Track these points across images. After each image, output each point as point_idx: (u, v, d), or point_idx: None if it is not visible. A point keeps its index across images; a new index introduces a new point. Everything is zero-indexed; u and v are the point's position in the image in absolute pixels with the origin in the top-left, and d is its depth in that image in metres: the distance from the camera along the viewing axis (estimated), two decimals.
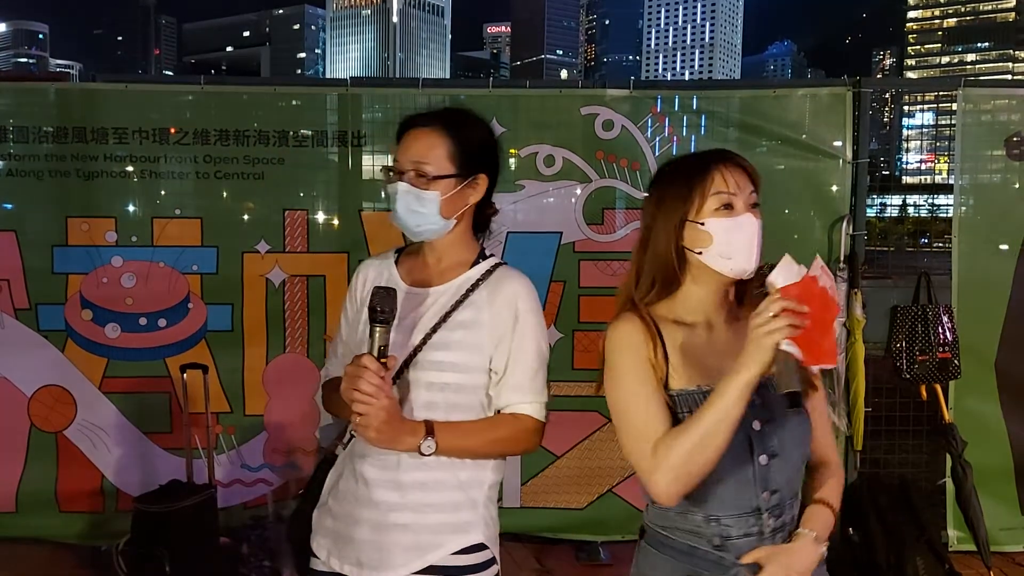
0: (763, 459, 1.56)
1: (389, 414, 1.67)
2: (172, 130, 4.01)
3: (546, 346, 1.89)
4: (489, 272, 1.86)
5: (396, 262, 1.93)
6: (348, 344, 1.92)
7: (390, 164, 1.86)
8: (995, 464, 4.06)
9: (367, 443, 1.74)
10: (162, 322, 4.03)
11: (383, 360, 1.67)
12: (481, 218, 1.92)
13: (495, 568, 1.85)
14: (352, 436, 1.85)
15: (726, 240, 1.56)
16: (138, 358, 4.04)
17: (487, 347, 1.80)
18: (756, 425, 1.56)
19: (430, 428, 1.73)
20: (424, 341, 1.78)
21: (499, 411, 1.84)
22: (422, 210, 1.79)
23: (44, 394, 4.05)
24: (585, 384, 4.05)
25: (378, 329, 1.66)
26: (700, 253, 1.60)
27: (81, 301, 4.01)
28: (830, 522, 1.63)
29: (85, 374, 4.04)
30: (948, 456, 3.85)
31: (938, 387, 3.87)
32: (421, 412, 1.76)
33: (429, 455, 1.73)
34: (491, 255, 1.92)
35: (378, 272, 1.92)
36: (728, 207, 1.58)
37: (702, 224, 1.58)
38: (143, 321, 4.03)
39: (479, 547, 1.81)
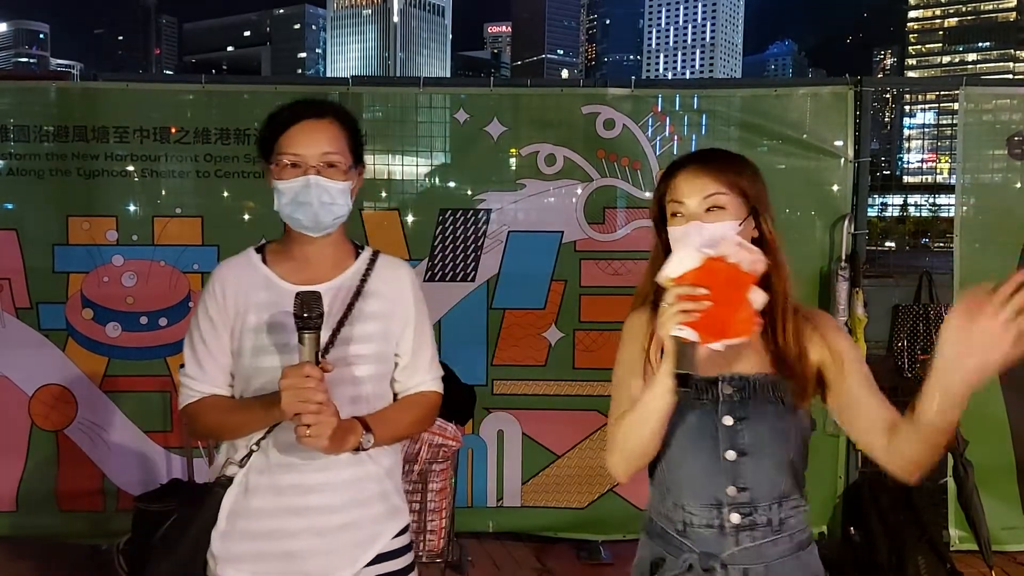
0: (731, 455, 1.58)
1: (337, 419, 1.64)
2: (173, 129, 4.01)
3: (431, 325, 1.97)
4: (373, 261, 1.88)
5: (264, 263, 1.83)
6: (217, 358, 1.79)
7: (290, 156, 1.73)
8: (997, 463, 4.05)
9: (321, 452, 1.65)
10: (163, 321, 4.03)
11: (320, 367, 1.61)
12: None
13: (413, 543, 1.95)
14: (252, 451, 1.76)
15: (675, 248, 1.57)
16: (139, 357, 4.04)
17: (395, 334, 1.85)
18: (727, 420, 1.59)
19: (364, 423, 1.74)
20: (333, 338, 1.75)
21: (402, 392, 1.90)
22: (338, 202, 1.77)
23: (45, 393, 4.05)
24: (586, 384, 4.05)
25: (308, 335, 1.59)
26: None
27: (82, 300, 4.01)
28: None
29: (86, 373, 4.05)
30: (950, 455, 3.84)
31: None
32: (349, 408, 1.73)
33: (368, 448, 1.74)
34: (363, 245, 1.93)
35: (248, 276, 1.81)
36: (676, 215, 1.60)
37: (667, 231, 1.63)
38: (144, 320, 4.03)
39: (405, 528, 1.89)
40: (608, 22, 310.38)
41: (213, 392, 1.80)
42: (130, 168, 4.02)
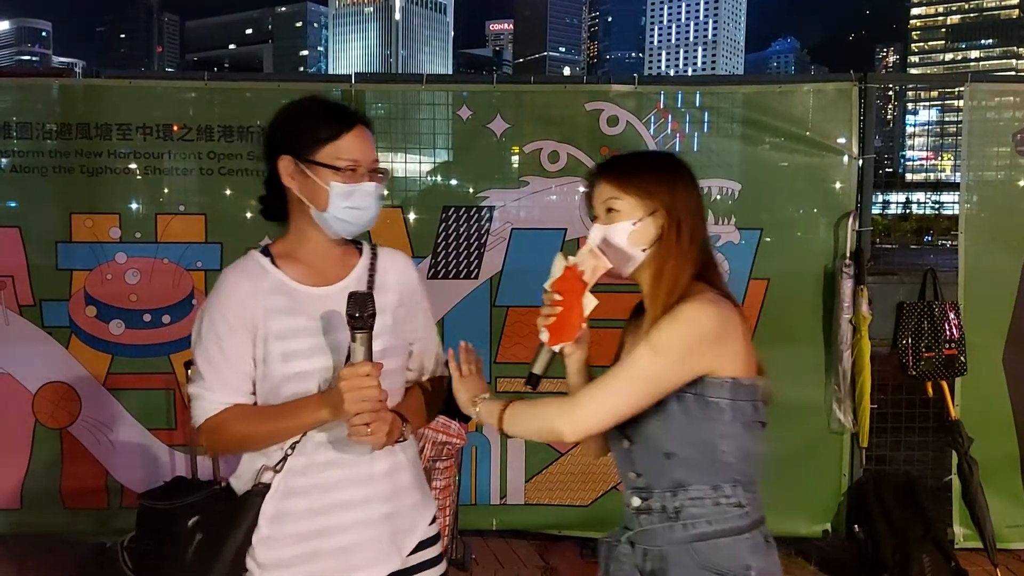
0: (624, 443, 1.71)
1: (392, 415, 1.71)
2: (176, 127, 4.00)
3: None
4: (374, 255, 1.90)
5: (275, 265, 1.80)
6: (236, 366, 1.74)
7: (349, 162, 1.74)
8: (1002, 461, 4.04)
9: (377, 448, 1.71)
10: (166, 318, 4.03)
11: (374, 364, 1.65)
12: None
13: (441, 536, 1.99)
14: (287, 455, 1.73)
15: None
16: (142, 354, 4.04)
17: (408, 325, 1.89)
18: None
19: (402, 414, 1.78)
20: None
21: (419, 377, 1.96)
22: (380, 204, 1.83)
23: (48, 390, 4.05)
24: None
25: (361, 335, 1.62)
26: None
27: (85, 297, 4.00)
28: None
29: (89, 370, 4.04)
30: (954, 453, 3.83)
31: (944, 384, 3.86)
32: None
33: (407, 439, 1.81)
34: (360, 240, 1.92)
35: (259, 280, 1.77)
36: (595, 218, 1.73)
37: None
38: (147, 317, 4.02)
39: (435, 517, 1.93)
40: (610, 19, 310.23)
41: (236, 402, 1.75)
42: (133, 165, 4.01)
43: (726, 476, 1.63)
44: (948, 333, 3.80)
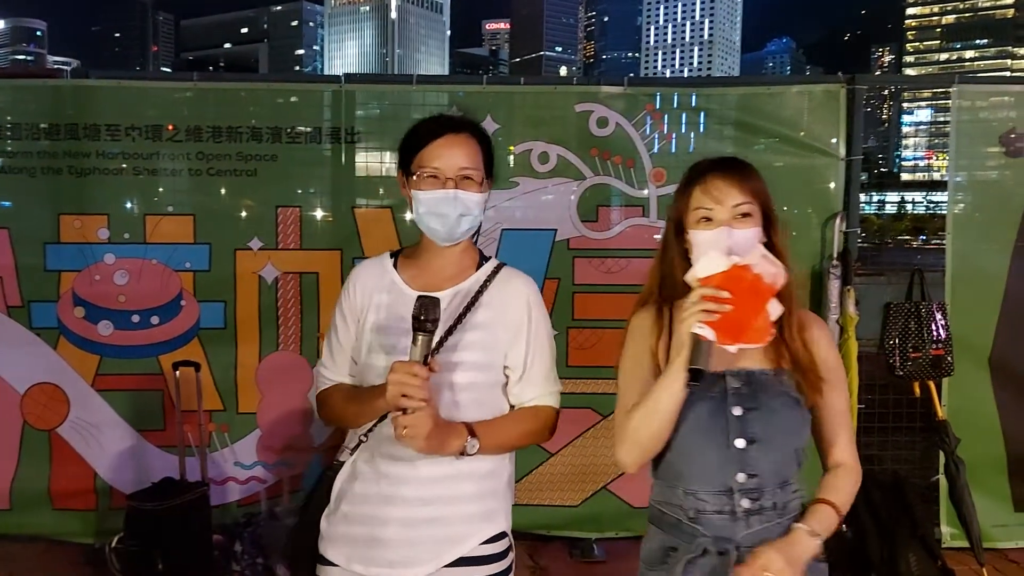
0: (740, 443, 1.68)
1: (435, 421, 1.71)
2: (167, 127, 3.99)
3: (553, 340, 2.00)
4: (494, 273, 1.93)
5: (395, 267, 1.94)
6: (346, 351, 1.94)
7: (429, 170, 1.83)
8: (988, 461, 4.06)
9: (416, 450, 1.73)
10: (155, 319, 4.02)
11: (427, 367, 1.69)
12: None
13: (512, 554, 1.96)
14: (361, 441, 1.86)
15: (703, 251, 1.67)
16: (131, 355, 4.03)
17: (503, 346, 1.89)
18: (736, 411, 1.69)
19: (471, 429, 1.80)
20: (440, 344, 1.80)
21: (517, 405, 1.93)
22: (473, 213, 1.86)
23: (37, 392, 4.05)
24: (580, 381, 4.05)
25: (421, 337, 1.67)
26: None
27: (74, 298, 4.00)
28: (830, 519, 1.70)
29: (78, 372, 4.03)
30: (941, 453, 3.84)
31: (931, 384, 3.87)
32: (446, 413, 1.79)
33: (473, 454, 1.80)
34: (490, 257, 1.99)
35: (378, 278, 1.93)
36: (707, 220, 1.69)
37: (687, 234, 1.73)
38: (136, 318, 4.02)
39: (502, 535, 1.91)
40: (606, 19, 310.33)
41: (341, 381, 1.95)
42: (122, 166, 4.00)
43: (799, 472, 1.77)
44: (935, 333, 3.81)
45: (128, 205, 4.05)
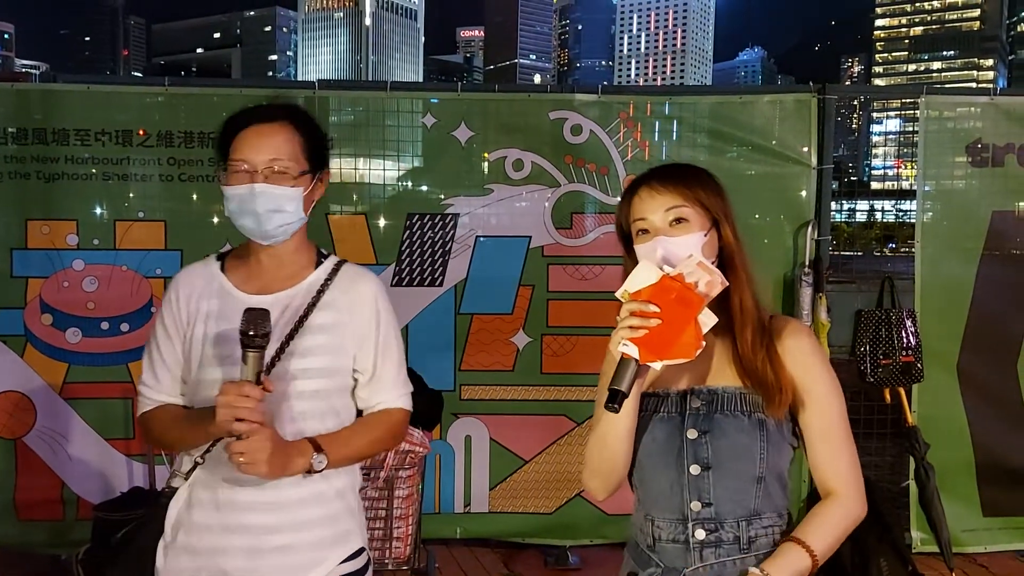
0: (695, 469, 1.56)
1: (275, 443, 1.59)
2: (137, 132, 3.94)
3: (401, 339, 1.90)
4: (335, 271, 1.81)
5: (223, 270, 1.79)
6: (171, 367, 1.77)
7: (236, 163, 1.70)
8: (958, 466, 4.11)
9: (257, 476, 1.60)
10: (124, 327, 3.97)
11: (260, 386, 1.56)
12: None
13: (371, 566, 1.86)
14: (197, 464, 1.71)
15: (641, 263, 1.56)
16: (100, 363, 3.97)
17: (350, 349, 1.77)
18: (692, 434, 1.57)
19: (316, 444, 1.68)
20: (281, 350, 1.69)
21: (366, 410, 1.84)
22: (287, 209, 1.71)
23: (2, 400, 3.97)
24: (554, 388, 4.05)
25: (251, 354, 1.55)
26: None
27: (41, 305, 3.93)
28: (797, 562, 1.52)
29: (45, 379, 3.96)
30: (911, 458, 3.89)
31: (901, 390, 3.92)
32: (292, 424, 1.69)
33: (321, 471, 1.68)
34: (329, 253, 1.87)
35: (203, 284, 1.77)
36: (644, 231, 1.59)
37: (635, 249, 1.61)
38: (105, 326, 3.96)
39: (359, 552, 1.82)
40: (580, 28, 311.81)
41: (167, 401, 1.79)
42: (92, 171, 3.95)
43: (785, 504, 1.62)
44: (905, 340, 3.86)
45: (98, 211, 3.99)
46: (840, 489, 1.59)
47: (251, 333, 1.54)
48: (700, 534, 1.55)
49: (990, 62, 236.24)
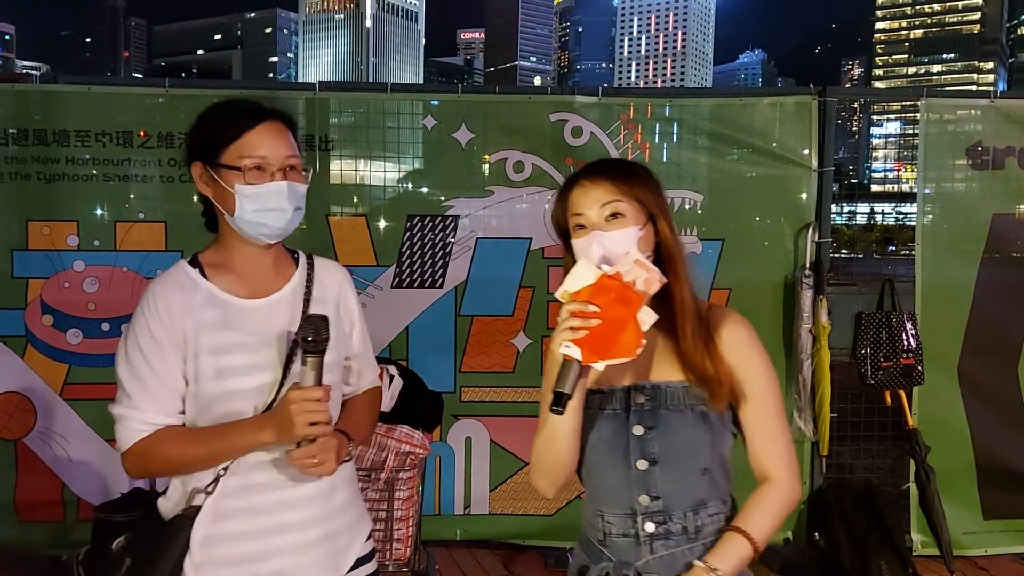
0: (642, 464, 1.58)
1: (337, 441, 1.66)
2: (138, 133, 3.94)
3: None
4: (311, 265, 1.83)
5: (204, 276, 1.73)
6: (169, 385, 1.66)
7: (255, 160, 1.66)
8: (958, 469, 4.11)
9: (325, 475, 1.66)
10: (125, 328, 3.95)
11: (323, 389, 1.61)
12: None
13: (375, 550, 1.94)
14: (220, 476, 1.67)
15: (579, 260, 1.57)
16: (100, 364, 3.95)
17: (344, 338, 1.82)
18: (638, 430, 1.59)
19: (345, 433, 1.74)
20: (292, 352, 1.69)
21: (356, 390, 1.90)
22: (302, 206, 1.72)
23: (3, 401, 3.96)
24: None
25: (312, 359, 1.58)
26: None
27: (42, 306, 3.93)
28: (740, 551, 1.55)
29: (46, 380, 3.95)
30: (912, 461, 3.89)
31: (902, 393, 3.92)
32: None
33: (350, 459, 1.76)
34: (294, 248, 1.87)
35: (188, 294, 1.69)
36: (581, 227, 1.61)
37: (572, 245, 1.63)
38: (106, 327, 3.95)
39: (371, 533, 1.90)
40: (580, 30, 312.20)
41: (167, 423, 1.66)
42: (92, 172, 3.94)
43: (727, 490, 1.66)
44: (906, 343, 3.86)
45: (98, 212, 3.99)
46: (777, 474, 1.62)
47: (311, 339, 1.56)
48: (650, 527, 1.58)
49: (990, 65, 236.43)
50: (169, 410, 1.67)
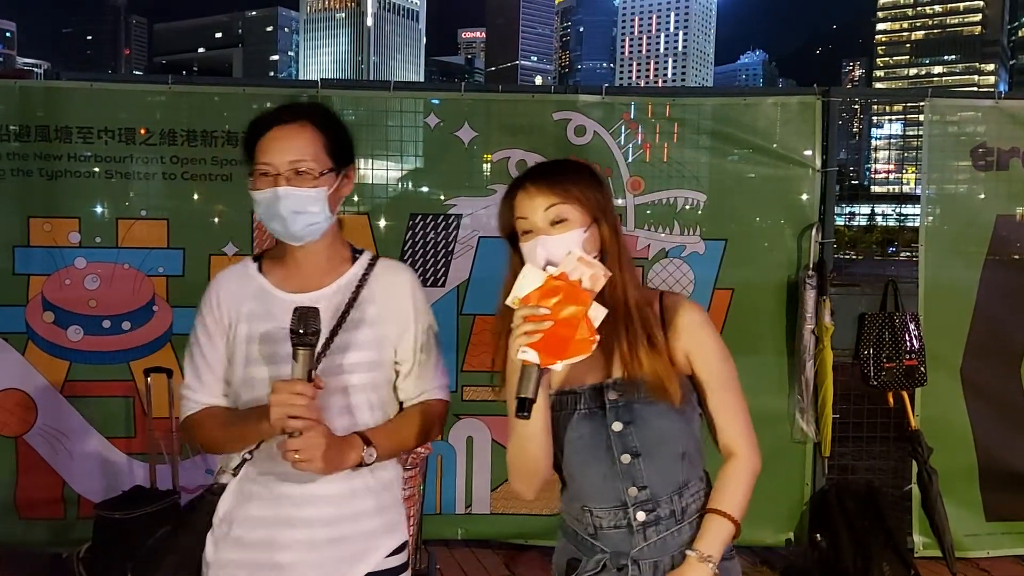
0: (625, 458, 1.63)
1: (328, 439, 1.62)
2: (140, 131, 3.94)
3: (438, 331, 1.90)
4: (371, 266, 1.83)
5: (260, 271, 1.82)
6: (215, 369, 1.79)
7: (261, 167, 1.72)
8: (960, 470, 4.10)
9: (312, 472, 1.64)
10: (126, 325, 3.96)
11: (312, 384, 1.59)
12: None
13: (410, 560, 1.89)
14: (246, 460, 1.75)
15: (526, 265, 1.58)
16: (101, 361, 3.96)
17: (392, 341, 1.80)
18: (616, 426, 1.63)
19: (365, 438, 1.71)
20: (326, 346, 1.70)
21: (406, 401, 1.85)
22: (311, 209, 1.72)
23: (4, 398, 3.96)
24: None
25: (302, 352, 1.57)
26: None
27: (43, 303, 3.92)
28: (723, 532, 1.64)
29: (47, 377, 3.95)
30: (914, 462, 3.88)
31: (905, 394, 3.92)
32: (340, 419, 1.71)
33: (371, 464, 1.71)
34: (363, 250, 1.88)
35: (242, 285, 1.80)
36: (527, 232, 1.61)
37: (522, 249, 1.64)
38: (107, 324, 3.95)
39: (404, 545, 1.85)
40: (581, 29, 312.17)
41: (211, 403, 1.79)
42: (94, 169, 3.94)
43: (702, 466, 1.72)
44: (908, 344, 3.85)
45: (100, 209, 3.98)
46: (740, 450, 1.69)
47: (301, 331, 1.56)
48: (641, 516, 1.64)
49: (991, 67, 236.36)
50: (214, 392, 1.79)
